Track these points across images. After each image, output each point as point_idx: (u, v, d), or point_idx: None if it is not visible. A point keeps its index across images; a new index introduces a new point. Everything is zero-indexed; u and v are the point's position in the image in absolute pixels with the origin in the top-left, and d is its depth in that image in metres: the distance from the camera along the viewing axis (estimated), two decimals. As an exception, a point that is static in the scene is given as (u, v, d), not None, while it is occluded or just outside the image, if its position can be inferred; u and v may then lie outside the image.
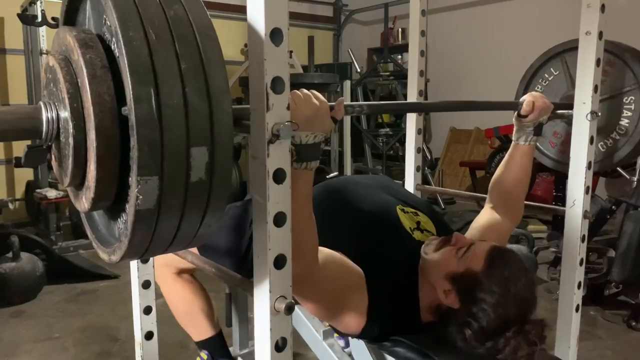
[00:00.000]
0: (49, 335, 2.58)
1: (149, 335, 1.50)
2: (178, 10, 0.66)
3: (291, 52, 5.17)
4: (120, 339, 2.52)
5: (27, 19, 3.93)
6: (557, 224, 4.01)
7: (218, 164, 0.66)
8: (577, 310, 1.50)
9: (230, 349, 2.04)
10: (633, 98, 1.67)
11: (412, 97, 1.92)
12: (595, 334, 2.58)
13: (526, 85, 1.89)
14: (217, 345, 1.67)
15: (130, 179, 0.62)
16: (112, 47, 0.65)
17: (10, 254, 2.93)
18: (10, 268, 2.90)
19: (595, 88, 1.43)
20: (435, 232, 1.34)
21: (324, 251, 1.06)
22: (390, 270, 1.19)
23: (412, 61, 1.90)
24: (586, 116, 1.44)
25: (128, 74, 0.59)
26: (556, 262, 3.16)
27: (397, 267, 1.21)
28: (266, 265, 0.76)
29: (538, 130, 1.45)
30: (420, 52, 1.89)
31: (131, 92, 0.59)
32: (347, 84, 5.58)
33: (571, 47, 1.71)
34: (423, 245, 1.25)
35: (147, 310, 1.48)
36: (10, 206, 3.80)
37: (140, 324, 1.48)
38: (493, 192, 1.52)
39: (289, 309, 0.77)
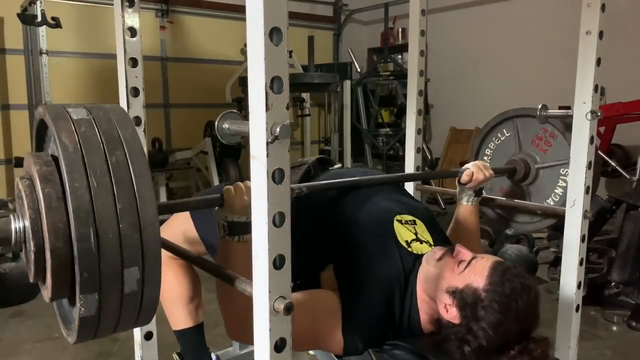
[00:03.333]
0: (49, 335, 2.58)
1: (148, 336, 1.51)
2: (119, 155, 0.80)
3: (291, 52, 5.18)
4: (120, 339, 2.52)
5: (27, 18, 3.93)
6: (557, 223, 4.00)
7: (147, 277, 0.81)
8: (577, 310, 1.50)
9: (230, 348, 2.05)
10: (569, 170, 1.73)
11: (412, 96, 1.92)
12: (596, 334, 2.58)
13: (481, 141, 2.03)
14: (188, 339, 1.65)
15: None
16: None
17: (10, 254, 2.93)
18: (10, 268, 2.90)
19: (596, 88, 1.43)
20: (432, 242, 1.32)
21: None
22: (377, 289, 1.18)
23: (412, 61, 1.90)
24: (586, 115, 1.44)
25: (72, 217, 0.74)
26: (556, 262, 3.16)
27: (388, 285, 1.20)
28: (265, 265, 0.76)
29: (479, 192, 1.59)
30: (420, 52, 1.88)
31: (74, 232, 0.74)
32: (347, 83, 5.58)
33: (522, 114, 1.87)
34: (427, 255, 1.24)
35: (146, 311, 1.48)
36: (10, 206, 3.79)
37: (139, 324, 1.48)
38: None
39: (288, 309, 0.77)
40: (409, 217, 1.34)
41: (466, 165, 1.57)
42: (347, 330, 1.14)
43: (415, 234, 1.31)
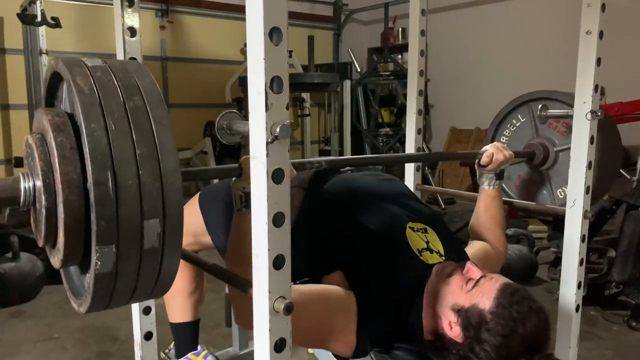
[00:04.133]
0: (48, 335, 2.58)
1: (148, 336, 1.50)
2: (137, 101, 0.76)
3: (291, 51, 5.18)
4: (120, 339, 2.52)
5: (26, 18, 3.93)
6: (557, 224, 4.00)
7: (169, 233, 0.75)
8: (577, 310, 1.50)
9: (230, 349, 2.05)
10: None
11: (412, 96, 1.92)
12: (596, 334, 2.57)
13: (495, 129, 1.98)
14: (183, 333, 1.65)
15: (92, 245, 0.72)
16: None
17: (10, 254, 2.93)
18: (10, 268, 2.89)
19: (596, 88, 1.43)
20: (443, 252, 1.30)
21: (294, 289, 1.04)
22: (389, 293, 1.17)
23: (412, 61, 1.90)
24: (586, 115, 1.43)
25: (89, 160, 0.70)
26: (556, 262, 3.16)
27: (398, 291, 1.18)
28: (265, 265, 0.76)
29: (500, 175, 1.55)
30: (420, 51, 1.88)
31: (91, 176, 0.69)
32: (347, 83, 5.59)
33: (537, 97, 1.82)
34: (437, 268, 1.22)
35: (146, 311, 1.48)
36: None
37: (139, 324, 1.48)
38: (474, 233, 1.57)
39: (288, 310, 0.77)
40: (420, 225, 1.32)
41: (485, 147, 1.54)
42: (360, 332, 1.12)
43: (427, 242, 1.29)
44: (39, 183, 0.75)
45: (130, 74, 0.79)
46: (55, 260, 0.79)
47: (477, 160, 1.54)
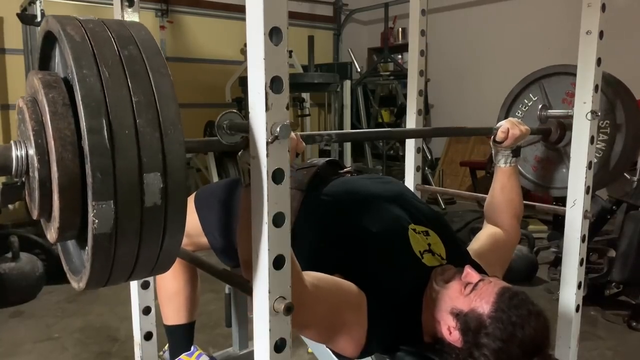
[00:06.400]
0: (48, 335, 2.58)
1: (148, 336, 1.51)
2: (132, 50, 0.72)
3: (291, 51, 5.17)
4: (120, 339, 2.52)
5: (26, 18, 3.92)
6: (557, 224, 4.01)
7: (172, 189, 0.70)
8: (577, 310, 1.50)
9: (230, 349, 2.05)
10: (608, 122, 1.68)
11: (412, 96, 1.92)
12: (596, 334, 2.58)
13: (507, 111, 1.93)
14: (178, 335, 1.64)
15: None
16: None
17: (9, 254, 2.93)
18: (10, 268, 2.90)
19: (596, 88, 1.43)
20: (444, 255, 1.29)
21: (311, 274, 1.03)
22: (394, 295, 1.16)
23: (412, 61, 1.90)
24: (586, 115, 1.43)
25: (81, 107, 0.65)
26: (556, 262, 3.16)
27: (401, 293, 1.18)
28: (265, 265, 0.76)
29: (516, 152, 1.51)
30: (420, 51, 1.88)
31: (84, 124, 0.65)
32: (347, 83, 5.58)
33: (549, 74, 1.78)
34: (436, 271, 1.21)
35: (146, 311, 1.48)
36: (10, 206, 3.79)
37: (139, 324, 1.49)
38: (488, 215, 1.56)
39: (288, 310, 0.77)
40: (422, 228, 1.31)
41: (500, 123, 1.51)
42: (370, 331, 1.11)
43: (428, 245, 1.28)
44: (31, 149, 0.70)
45: (124, 27, 0.75)
46: (52, 232, 0.73)
47: (492, 137, 1.50)
